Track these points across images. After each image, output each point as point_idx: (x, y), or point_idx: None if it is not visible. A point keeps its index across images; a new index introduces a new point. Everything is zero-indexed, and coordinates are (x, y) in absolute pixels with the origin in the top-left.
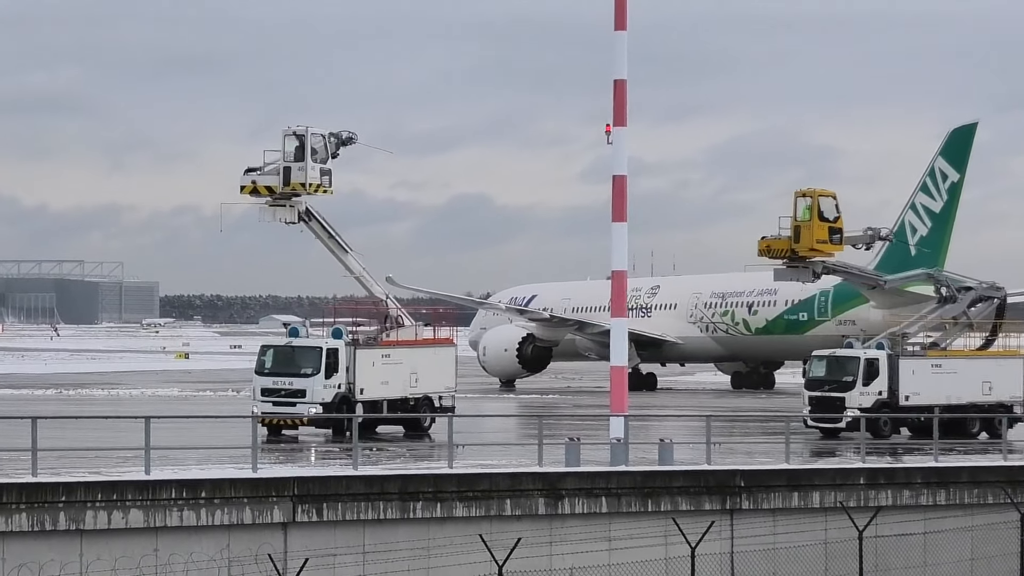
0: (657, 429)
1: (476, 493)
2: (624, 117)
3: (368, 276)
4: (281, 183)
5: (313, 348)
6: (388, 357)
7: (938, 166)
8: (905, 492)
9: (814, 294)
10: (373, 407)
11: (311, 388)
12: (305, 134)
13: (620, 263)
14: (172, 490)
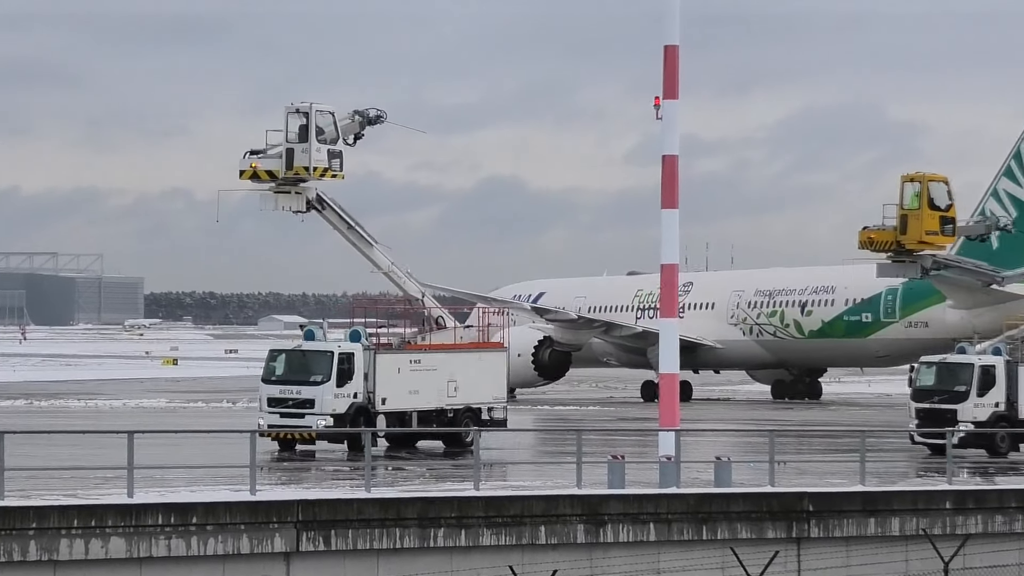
0: (712, 446)
1: (506, 519)
2: (676, 88)
3: (399, 272)
4: (284, 167)
5: (323, 353)
6: (418, 363)
7: (1003, 188)
8: (998, 518)
9: (880, 292)
10: (400, 420)
11: (321, 398)
12: (310, 111)
13: (671, 256)
14: (159, 515)
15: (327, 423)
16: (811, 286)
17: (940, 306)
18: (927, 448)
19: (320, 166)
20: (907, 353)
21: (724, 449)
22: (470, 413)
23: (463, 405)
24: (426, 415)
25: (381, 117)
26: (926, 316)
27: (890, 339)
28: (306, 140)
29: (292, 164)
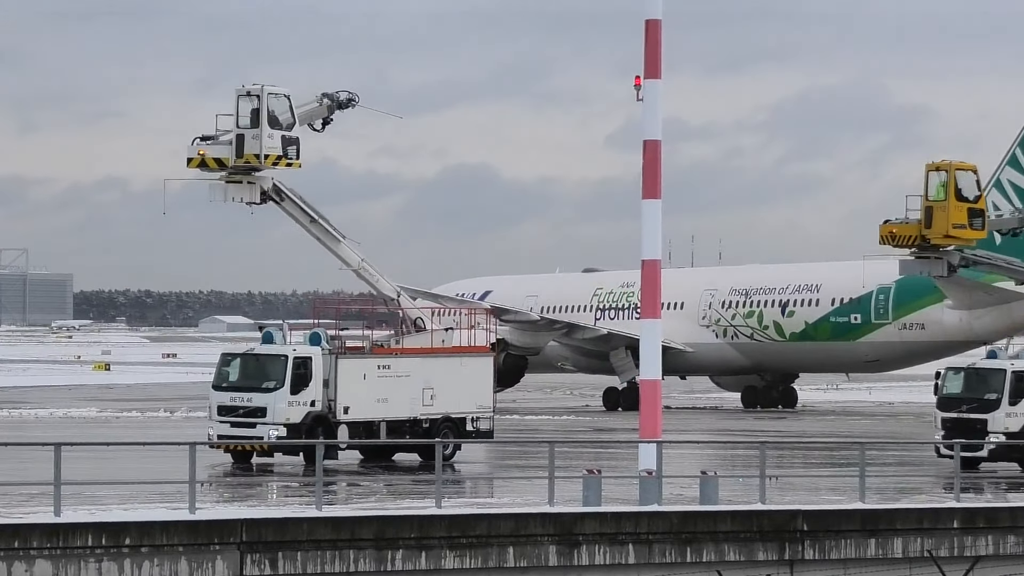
0: (698, 459)
1: (471, 539)
2: (658, 67)
3: (371, 269)
4: (234, 155)
5: (276, 357)
6: (388, 369)
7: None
8: (1010, 538)
9: (871, 291)
10: (368, 430)
11: (273, 406)
12: (261, 94)
13: (652, 250)
14: (88, 536)
15: (280, 433)
16: (793, 285)
17: (937, 307)
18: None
19: (273, 153)
20: (900, 357)
21: (710, 463)
22: (450, 423)
23: (441, 415)
24: (397, 426)
25: (353, 101)
26: (922, 317)
27: (881, 342)
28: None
29: (242, 151)
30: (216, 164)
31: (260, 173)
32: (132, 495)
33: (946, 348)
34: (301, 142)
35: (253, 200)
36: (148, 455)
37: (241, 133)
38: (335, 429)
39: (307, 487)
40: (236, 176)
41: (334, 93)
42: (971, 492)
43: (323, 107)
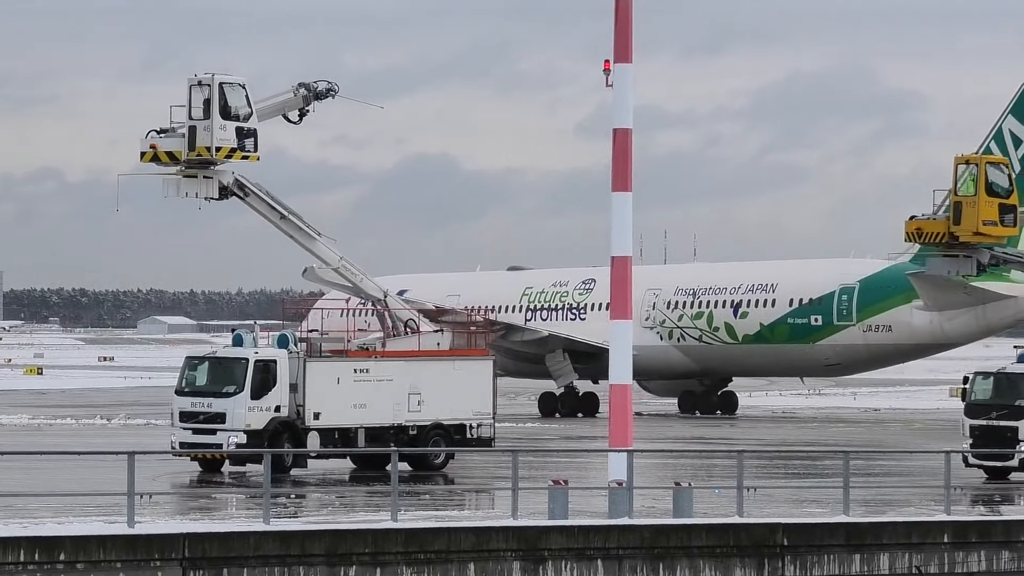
0: (671, 469)
1: (429, 555)
2: (628, 51)
3: (352, 268)
4: (186, 148)
5: (236, 360)
6: (365, 373)
7: (1008, 127)
8: (1004, 554)
9: (833, 291)
10: (345, 437)
11: (232, 411)
12: (212, 83)
13: (623, 247)
14: (20, 551)
15: (240, 440)
16: (746, 284)
17: (905, 308)
18: (984, 472)
19: (226, 146)
20: (864, 361)
21: (684, 473)
22: (440, 430)
23: (431, 421)
24: (379, 433)
25: (332, 90)
26: (889, 319)
27: (844, 345)
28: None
29: (195, 144)
30: (168, 158)
31: (219, 167)
32: (67, 508)
33: (914, 351)
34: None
35: (211, 195)
36: (84, 465)
37: (193, 125)
38: (304, 436)
39: (253, 499)
40: (192, 170)
41: (311, 83)
42: (962, 504)
43: (298, 97)
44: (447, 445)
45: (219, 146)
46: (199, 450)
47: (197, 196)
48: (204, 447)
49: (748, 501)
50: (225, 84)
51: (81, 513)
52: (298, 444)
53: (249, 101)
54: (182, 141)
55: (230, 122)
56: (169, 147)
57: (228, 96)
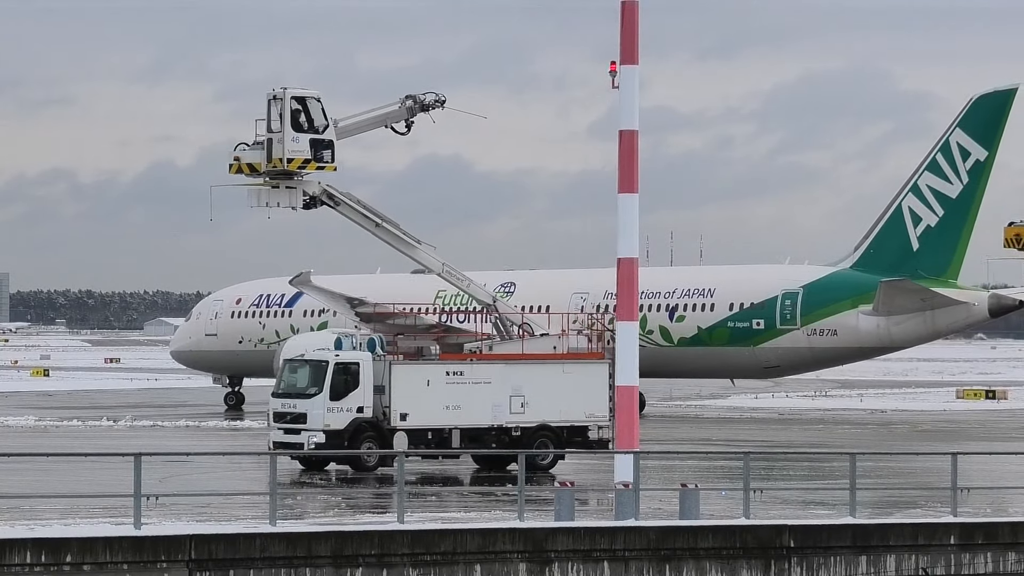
0: (677, 471)
1: (435, 556)
2: (635, 52)
3: (457, 273)
4: (265, 160)
5: (318, 363)
6: (459, 375)
7: (956, 140)
8: (1010, 555)
9: (775, 296)
10: (439, 437)
11: (312, 412)
12: (283, 96)
13: (629, 248)
14: (27, 552)
15: (319, 440)
16: (682, 288)
17: (851, 312)
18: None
19: (299, 157)
20: (807, 362)
21: (691, 475)
22: (548, 432)
23: (536, 423)
24: (477, 434)
25: (440, 101)
26: (834, 323)
27: (786, 348)
28: (301, 129)
29: (271, 156)
30: (250, 169)
31: (305, 178)
32: (73, 509)
33: (858, 354)
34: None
35: (294, 205)
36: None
37: (270, 137)
38: (390, 436)
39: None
40: (276, 180)
41: (420, 95)
42: (968, 506)
43: (404, 109)
44: (556, 446)
45: (291, 157)
46: (287, 451)
47: (280, 206)
48: (292, 447)
49: (754, 503)
50: (298, 97)
51: (87, 515)
52: (383, 444)
53: (325, 113)
54: (262, 153)
55: (304, 134)
56: (250, 159)
57: (303, 109)
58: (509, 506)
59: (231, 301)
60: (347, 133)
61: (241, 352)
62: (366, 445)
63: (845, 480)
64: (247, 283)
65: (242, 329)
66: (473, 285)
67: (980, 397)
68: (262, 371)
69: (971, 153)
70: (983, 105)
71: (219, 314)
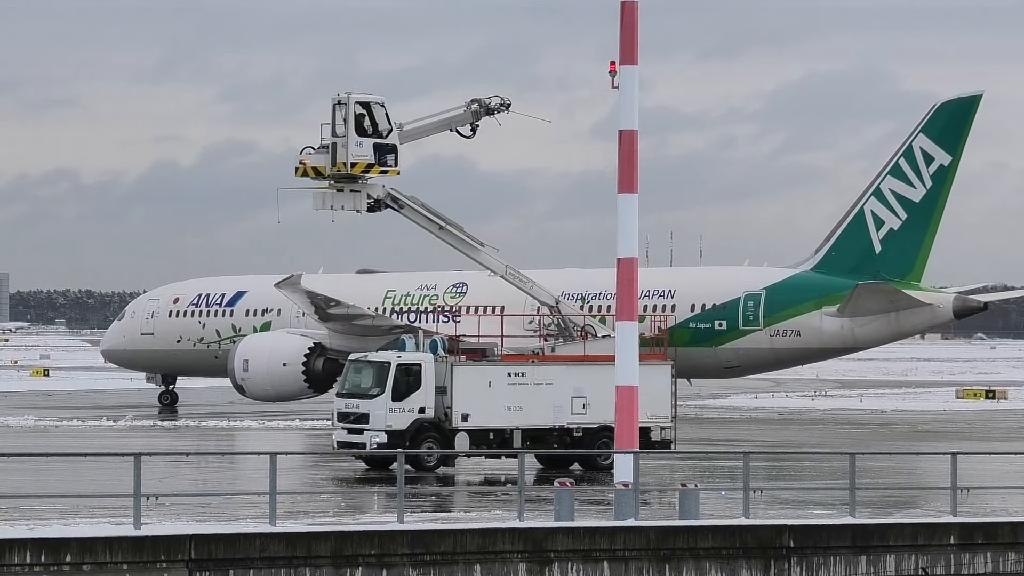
0: (677, 471)
1: (435, 556)
2: (634, 53)
3: (520, 275)
4: (329, 164)
5: (380, 364)
6: (520, 376)
7: (919, 145)
8: (1010, 555)
9: (738, 297)
10: (500, 438)
11: (374, 412)
12: (347, 101)
13: (628, 248)
14: (26, 552)
15: (380, 439)
16: (642, 290)
17: (815, 314)
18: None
19: (362, 161)
20: (769, 363)
21: (690, 475)
22: (609, 433)
23: (598, 424)
24: (539, 435)
25: (505, 105)
26: (798, 324)
27: (748, 348)
28: (364, 133)
29: (335, 160)
30: (315, 173)
31: (369, 181)
32: (73, 509)
33: (821, 354)
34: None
35: (359, 208)
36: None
37: (334, 142)
38: (451, 436)
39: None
40: (341, 183)
41: (486, 99)
42: (969, 506)
43: (469, 112)
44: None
45: (355, 161)
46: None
47: (344, 209)
48: (355, 446)
49: (754, 503)
50: (363, 102)
51: (87, 514)
52: (445, 444)
53: (388, 117)
54: (327, 157)
55: (367, 138)
56: (316, 163)
57: (367, 113)
58: (509, 506)
59: (168, 300)
60: (411, 137)
61: (179, 351)
62: (427, 445)
63: (845, 480)
64: (184, 282)
65: (180, 328)
66: (536, 287)
67: (980, 397)
68: (200, 370)
69: (935, 158)
70: (946, 111)
71: (156, 313)
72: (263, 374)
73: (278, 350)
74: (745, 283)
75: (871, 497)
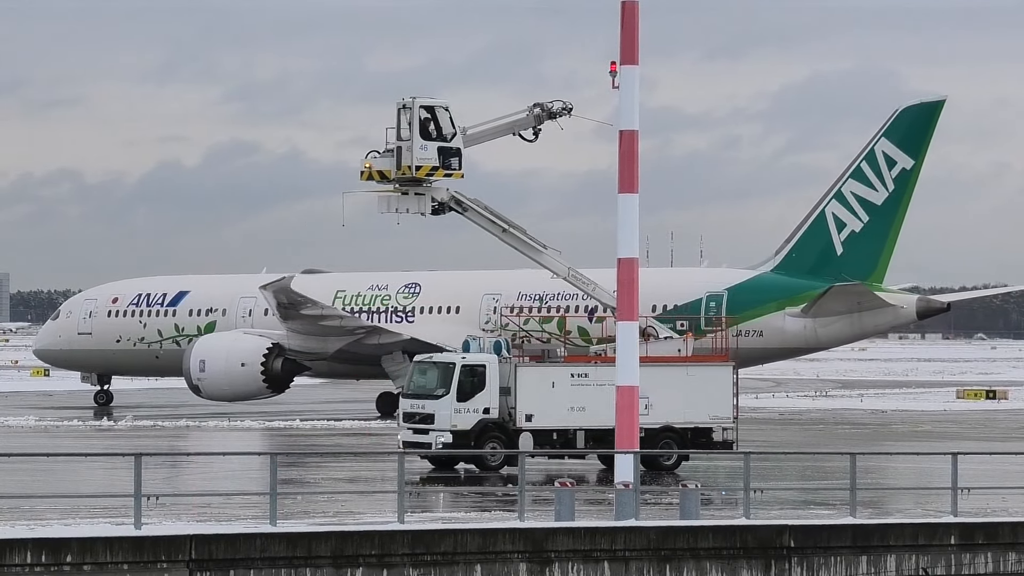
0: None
1: (435, 556)
2: (635, 53)
3: (583, 277)
4: (394, 167)
5: (446, 364)
6: (584, 377)
7: (881, 149)
8: (1011, 556)
9: (699, 298)
10: (564, 438)
11: (440, 412)
12: (412, 105)
13: (629, 248)
14: (27, 552)
15: (446, 439)
16: None
17: (777, 314)
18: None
19: (427, 165)
20: None
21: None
22: (671, 433)
23: (660, 424)
24: (601, 434)
25: (567, 109)
26: (760, 325)
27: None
28: (430, 137)
29: (400, 164)
30: (380, 177)
31: (435, 184)
32: (73, 509)
33: (783, 354)
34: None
35: (423, 211)
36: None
37: (399, 146)
38: (515, 437)
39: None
40: (406, 187)
41: (548, 103)
42: (969, 507)
43: (531, 116)
44: (679, 447)
45: (419, 165)
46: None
47: (409, 212)
48: (421, 446)
49: (755, 503)
50: (427, 106)
51: (88, 514)
52: (509, 444)
53: (453, 121)
54: (392, 161)
55: (432, 142)
56: (381, 167)
57: (432, 117)
58: (509, 506)
59: (107, 300)
60: (475, 141)
61: (118, 351)
62: (491, 445)
63: (845, 480)
64: (122, 281)
65: (120, 328)
66: (598, 289)
67: (980, 397)
68: (140, 370)
69: (897, 162)
70: (909, 116)
71: (94, 313)
72: (221, 374)
73: (236, 350)
74: (707, 284)
75: (871, 497)
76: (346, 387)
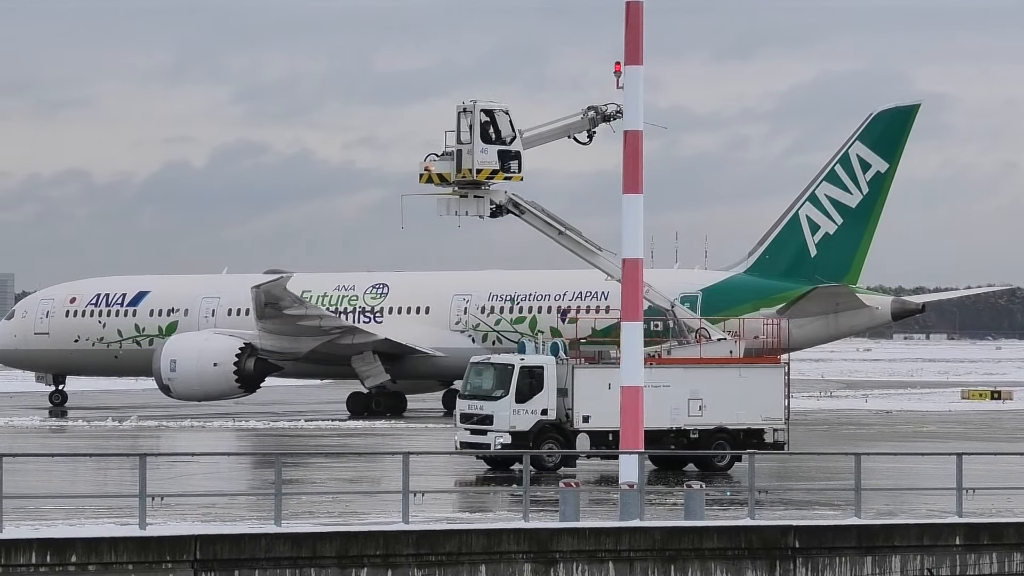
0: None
1: (440, 557)
2: (639, 53)
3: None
4: (454, 170)
5: (504, 366)
6: None
7: (856, 152)
8: (1016, 556)
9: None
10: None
11: (498, 413)
12: (473, 108)
13: (634, 248)
14: (32, 553)
15: (504, 440)
16: (573, 291)
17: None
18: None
19: (487, 168)
20: None
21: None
22: (724, 434)
23: (713, 425)
24: (656, 435)
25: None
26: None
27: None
28: (489, 140)
29: (460, 166)
30: (440, 179)
31: (493, 187)
32: (79, 509)
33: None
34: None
35: (482, 214)
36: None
37: (460, 148)
38: (573, 438)
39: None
40: (465, 190)
41: (603, 106)
42: (975, 506)
43: (585, 120)
44: (732, 448)
45: (480, 168)
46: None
47: (468, 214)
48: (479, 447)
49: (760, 503)
50: (487, 110)
51: (93, 515)
52: (566, 445)
53: (512, 125)
54: (452, 163)
55: (492, 145)
56: (440, 169)
57: (492, 120)
58: (514, 506)
59: (64, 300)
60: (532, 144)
61: (76, 351)
62: (548, 446)
63: (850, 480)
64: (80, 281)
65: (78, 328)
66: (652, 291)
67: (985, 398)
68: (98, 370)
69: (871, 165)
70: (883, 120)
71: (51, 313)
72: (192, 374)
73: (208, 350)
74: (681, 285)
75: (876, 498)
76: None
